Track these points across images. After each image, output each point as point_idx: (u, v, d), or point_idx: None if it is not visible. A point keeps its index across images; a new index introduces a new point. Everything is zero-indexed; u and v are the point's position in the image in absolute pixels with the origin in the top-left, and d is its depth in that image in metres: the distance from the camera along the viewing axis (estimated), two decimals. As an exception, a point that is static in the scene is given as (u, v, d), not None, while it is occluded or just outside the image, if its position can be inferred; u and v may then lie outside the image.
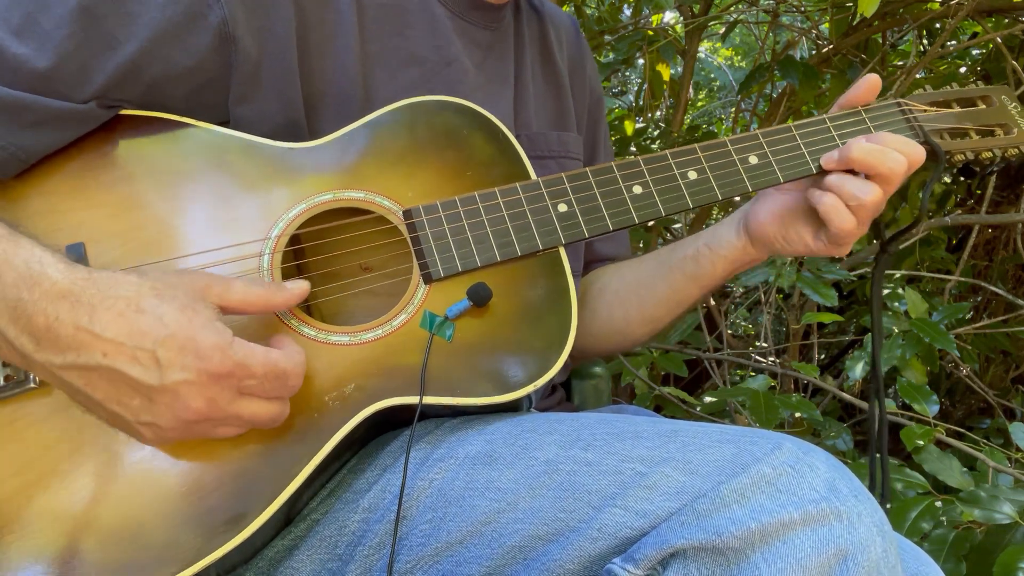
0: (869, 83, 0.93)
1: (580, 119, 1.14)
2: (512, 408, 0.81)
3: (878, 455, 0.94)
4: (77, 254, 0.73)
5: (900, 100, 0.96)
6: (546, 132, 1.05)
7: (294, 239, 0.81)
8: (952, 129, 0.95)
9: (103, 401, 0.64)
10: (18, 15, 0.72)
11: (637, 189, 0.87)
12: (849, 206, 0.86)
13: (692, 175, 0.88)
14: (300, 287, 0.73)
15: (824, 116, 0.92)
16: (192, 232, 0.77)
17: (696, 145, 0.89)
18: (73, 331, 0.62)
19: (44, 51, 0.72)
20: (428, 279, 0.80)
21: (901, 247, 1.77)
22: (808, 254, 0.93)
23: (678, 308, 1.05)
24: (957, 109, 0.97)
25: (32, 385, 0.70)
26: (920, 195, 1.00)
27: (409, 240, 0.81)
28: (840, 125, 0.92)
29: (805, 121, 0.92)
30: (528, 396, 0.78)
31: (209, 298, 0.67)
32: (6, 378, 0.70)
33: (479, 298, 0.79)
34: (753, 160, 0.89)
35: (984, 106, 0.98)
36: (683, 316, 1.10)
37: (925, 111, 0.95)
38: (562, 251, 0.84)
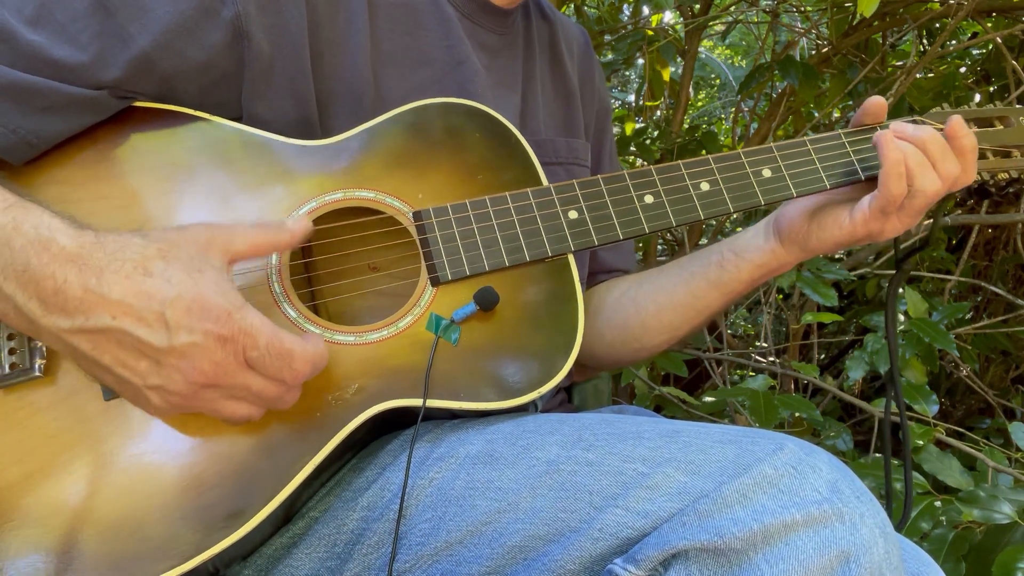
0: (875, 105, 0.91)
1: (587, 127, 1.14)
2: (516, 411, 0.81)
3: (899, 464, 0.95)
4: None
5: (917, 118, 0.95)
6: (554, 139, 1.05)
7: None
8: None
9: (111, 365, 0.64)
10: (32, 5, 0.72)
11: (648, 199, 0.86)
12: (911, 182, 0.83)
13: (704, 186, 0.88)
14: (302, 225, 0.73)
15: (839, 132, 0.92)
16: None
17: (709, 156, 0.89)
18: (82, 293, 0.62)
19: (58, 42, 0.73)
20: (436, 282, 0.80)
21: (901, 246, 1.78)
22: (847, 238, 0.88)
23: (697, 317, 1.02)
24: (975, 129, 0.95)
25: (37, 373, 0.71)
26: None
27: (418, 242, 0.81)
28: (856, 141, 0.91)
29: (820, 136, 0.92)
30: (533, 401, 0.78)
31: (214, 253, 0.67)
32: (11, 366, 0.71)
33: (486, 302, 0.79)
34: (767, 173, 0.89)
35: (1002, 126, 0.97)
36: (702, 327, 1.05)
37: (942, 129, 0.95)
38: (571, 258, 0.84)
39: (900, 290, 1.71)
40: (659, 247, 2.67)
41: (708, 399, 1.74)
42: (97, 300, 0.62)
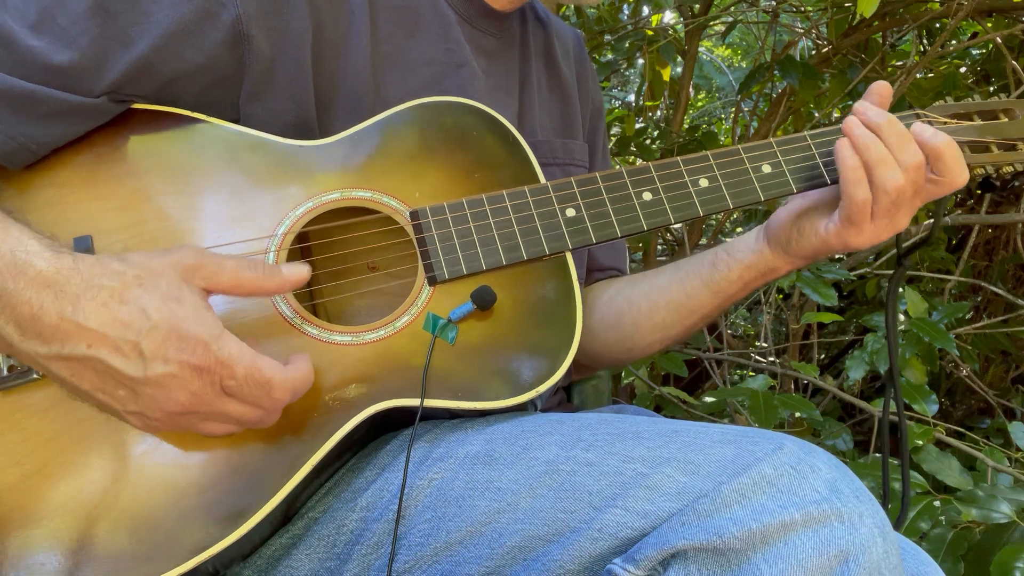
0: (879, 90, 0.90)
1: (584, 127, 1.14)
2: (515, 411, 0.81)
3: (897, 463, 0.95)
4: (84, 246, 0.74)
5: (920, 111, 0.94)
6: (551, 140, 1.05)
7: (301, 237, 0.81)
8: (973, 142, 0.93)
9: (90, 391, 0.65)
10: (34, 10, 0.73)
11: (647, 196, 0.86)
12: (871, 180, 0.82)
13: (703, 183, 0.87)
14: (297, 273, 0.71)
15: (840, 126, 0.91)
16: (199, 227, 0.77)
17: (708, 152, 0.88)
18: (57, 321, 0.62)
19: (59, 46, 0.73)
20: (433, 281, 0.80)
21: (904, 244, 1.78)
22: (822, 246, 0.89)
23: (690, 317, 1.01)
24: (978, 122, 0.95)
25: (35, 376, 0.71)
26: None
27: (415, 241, 0.81)
28: None
29: (820, 130, 0.91)
30: (532, 401, 0.78)
31: (195, 281, 0.66)
32: (9, 368, 0.71)
33: (483, 301, 0.79)
34: (766, 169, 0.88)
35: (1006, 119, 0.95)
36: (695, 328, 1.04)
37: (945, 123, 0.93)
38: (568, 256, 0.84)
39: (900, 289, 1.70)
40: (659, 247, 2.67)
41: (708, 399, 1.74)
42: (73, 328, 0.62)
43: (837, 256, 2.62)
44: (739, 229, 3.07)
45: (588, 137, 1.16)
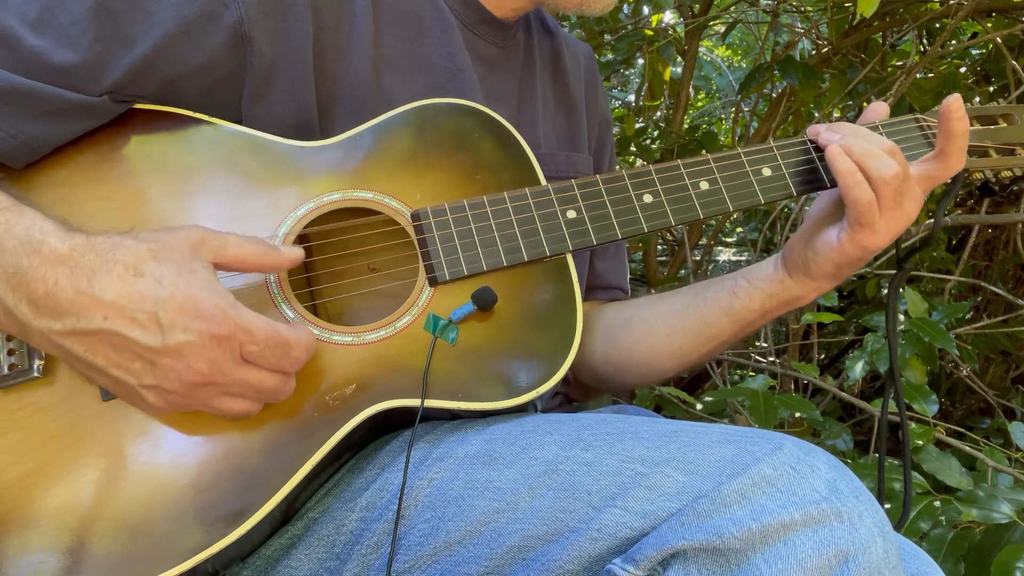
0: (876, 108, 0.91)
1: (590, 140, 1.14)
2: (515, 412, 0.81)
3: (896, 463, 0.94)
4: None
5: (918, 115, 0.95)
6: (555, 152, 1.05)
7: (302, 238, 0.81)
8: (971, 147, 0.93)
9: (104, 367, 0.65)
10: (35, 9, 0.73)
11: (647, 198, 0.86)
12: (867, 175, 0.82)
13: (704, 185, 0.87)
14: (295, 253, 0.73)
15: None
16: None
17: (709, 155, 0.89)
18: (73, 295, 0.62)
19: (61, 46, 0.73)
20: (433, 282, 0.80)
21: (902, 245, 1.78)
22: (840, 257, 0.87)
23: (708, 343, 0.99)
24: (977, 127, 0.96)
25: (36, 374, 0.71)
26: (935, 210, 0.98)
27: (416, 242, 0.81)
28: None
29: None
30: (532, 402, 0.78)
31: (204, 255, 0.67)
32: (10, 367, 0.71)
33: (483, 302, 0.79)
34: (766, 172, 0.89)
35: (1005, 124, 0.96)
36: (714, 354, 1.03)
37: None
38: (569, 258, 0.84)
39: (900, 289, 1.70)
40: (659, 247, 2.67)
41: (708, 399, 1.74)
42: (89, 302, 0.63)
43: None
44: (739, 229, 3.08)
45: (594, 151, 1.16)
